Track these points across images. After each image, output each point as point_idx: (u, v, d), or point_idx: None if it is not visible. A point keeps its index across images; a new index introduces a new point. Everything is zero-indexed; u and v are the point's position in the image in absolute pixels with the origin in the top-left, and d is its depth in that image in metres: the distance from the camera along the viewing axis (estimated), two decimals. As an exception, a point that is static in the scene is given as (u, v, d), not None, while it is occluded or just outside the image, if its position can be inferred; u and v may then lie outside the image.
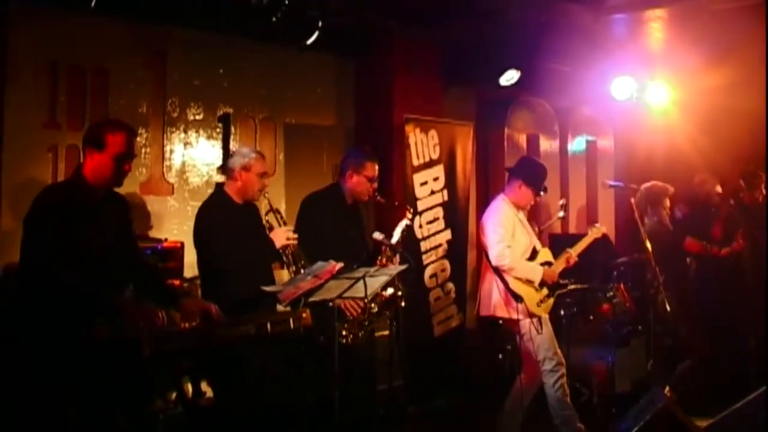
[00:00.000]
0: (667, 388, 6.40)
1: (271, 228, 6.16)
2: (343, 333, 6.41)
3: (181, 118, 7.92)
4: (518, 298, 6.84)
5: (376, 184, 6.86)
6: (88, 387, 4.61)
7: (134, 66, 7.61)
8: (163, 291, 5.37)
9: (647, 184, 8.78)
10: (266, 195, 6.24)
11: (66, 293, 4.58)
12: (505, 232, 7.04)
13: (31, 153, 6.93)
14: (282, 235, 6.08)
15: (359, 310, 6.46)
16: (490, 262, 7.01)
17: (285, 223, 6.24)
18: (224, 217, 5.96)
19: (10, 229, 6.49)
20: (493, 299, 7.02)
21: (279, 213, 6.23)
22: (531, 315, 6.94)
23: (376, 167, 6.87)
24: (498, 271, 6.93)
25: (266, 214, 6.26)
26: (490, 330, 8.69)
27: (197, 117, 8.03)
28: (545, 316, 7.11)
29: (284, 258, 6.18)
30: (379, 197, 6.95)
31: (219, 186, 6.19)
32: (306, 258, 6.14)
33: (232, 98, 8.28)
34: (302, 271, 5.99)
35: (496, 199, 7.33)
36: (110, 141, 4.83)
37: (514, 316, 6.86)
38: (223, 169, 6.18)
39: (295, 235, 6.12)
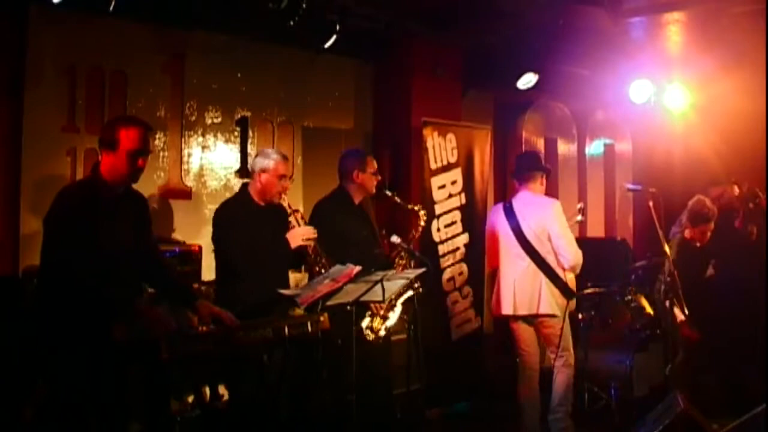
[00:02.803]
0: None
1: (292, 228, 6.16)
2: (364, 328, 6.45)
3: (199, 121, 7.93)
4: (572, 295, 7.15)
5: (380, 176, 6.89)
6: (107, 388, 4.62)
7: (152, 69, 7.62)
8: (178, 291, 5.37)
9: (693, 200, 8.63)
10: (284, 198, 6.24)
11: (85, 295, 4.58)
12: (571, 232, 7.24)
13: (50, 156, 6.94)
14: (297, 236, 6.04)
15: (383, 305, 6.51)
16: (539, 261, 7.08)
17: (305, 223, 6.21)
18: (241, 215, 5.95)
19: (29, 232, 6.51)
20: (544, 296, 7.06)
21: (298, 212, 6.21)
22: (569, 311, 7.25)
23: (374, 161, 6.92)
24: (550, 269, 7.06)
25: (288, 215, 6.25)
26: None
27: (215, 120, 8.04)
28: None
29: (306, 258, 6.17)
30: (395, 197, 6.99)
31: (244, 185, 6.19)
32: (326, 256, 6.14)
33: (250, 102, 8.28)
34: (323, 271, 6.01)
35: (545, 199, 7.36)
36: (123, 137, 4.81)
37: (558, 312, 7.07)
38: (248, 168, 6.17)
39: (314, 235, 6.10)
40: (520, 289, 7.15)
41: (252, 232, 5.93)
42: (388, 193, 7.09)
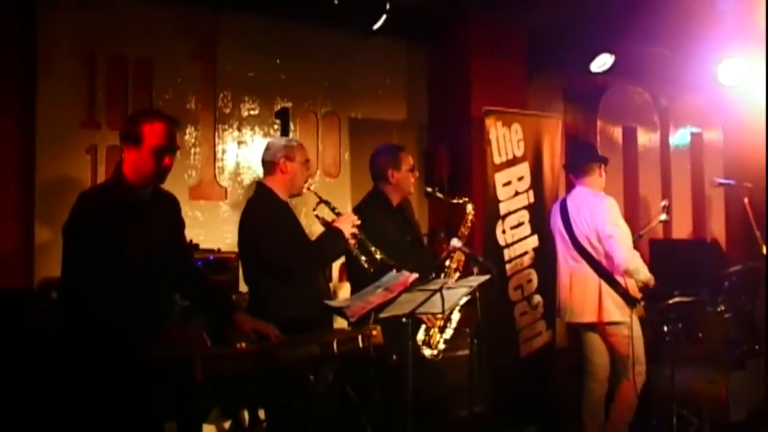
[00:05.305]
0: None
1: (327, 222, 6.07)
2: (420, 343, 6.41)
3: (234, 114, 7.93)
4: (634, 303, 7.13)
5: (417, 173, 6.84)
6: (134, 414, 4.59)
7: (181, 56, 7.65)
8: (216, 304, 5.31)
9: None
10: (310, 188, 6.17)
11: (110, 313, 4.55)
12: (625, 231, 7.17)
13: (68, 155, 6.98)
14: (348, 223, 5.94)
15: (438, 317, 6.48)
16: (594, 264, 7.15)
17: (339, 213, 6.13)
18: (280, 213, 5.88)
19: (45, 241, 6.54)
20: (605, 302, 7.14)
21: (329, 203, 6.12)
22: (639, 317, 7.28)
23: (410, 156, 6.85)
24: (607, 273, 7.09)
25: (315, 208, 6.17)
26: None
27: (252, 112, 8.04)
28: None
29: (353, 251, 6.08)
30: (436, 192, 6.95)
31: (261, 183, 6.07)
32: (376, 248, 6.07)
33: (291, 91, 8.28)
34: (377, 256, 5.94)
35: (596, 196, 7.35)
36: (147, 132, 4.74)
37: (625, 319, 7.11)
38: (263, 164, 6.06)
39: (359, 221, 6.02)
40: (578, 294, 7.28)
41: (296, 232, 5.89)
42: (429, 189, 7.06)
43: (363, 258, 6.01)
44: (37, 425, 5.49)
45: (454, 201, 7.05)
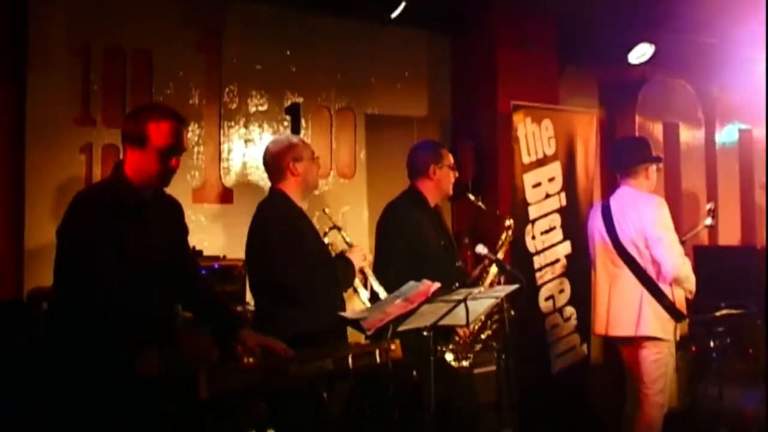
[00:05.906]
0: None
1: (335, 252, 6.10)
2: (448, 357, 6.41)
3: (240, 109, 7.95)
4: (680, 317, 6.98)
5: (458, 173, 6.83)
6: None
7: (183, 47, 7.66)
8: (219, 316, 5.32)
9: None
10: (326, 211, 6.17)
11: (107, 324, 4.55)
12: (674, 235, 7.04)
13: (61, 154, 7.00)
14: (360, 257, 5.99)
15: (471, 331, 6.47)
16: (638, 272, 7.00)
17: (350, 244, 6.16)
18: (295, 223, 5.87)
19: (35, 248, 6.55)
20: (645, 315, 6.98)
21: (341, 230, 6.14)
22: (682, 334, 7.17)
23: (450, 153, 6.84)
24: (652, 283, 6.95)
25: (326, 234, 6.17)
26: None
27: (260, 108, 8.05)
28: None
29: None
30: (479, 201, 6.92)
31: (274, 189, 6.04)
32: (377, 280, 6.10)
33: (302, 85, 8.29)
34: (381, 296, 5.96)
35: (644, 196, 7.19)
36: (152, 132, 4.72)
37: (666, 336, 6.95)
38: (268, 171, 6.04)
39: (371, 258, 6.05)
40: (616, 304, 7.12)
41: (314, 242, 5.89)
42: (471, 196, 7.02)
43: (366, 296, 6.05)
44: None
45: (497, 214, 7.07)
